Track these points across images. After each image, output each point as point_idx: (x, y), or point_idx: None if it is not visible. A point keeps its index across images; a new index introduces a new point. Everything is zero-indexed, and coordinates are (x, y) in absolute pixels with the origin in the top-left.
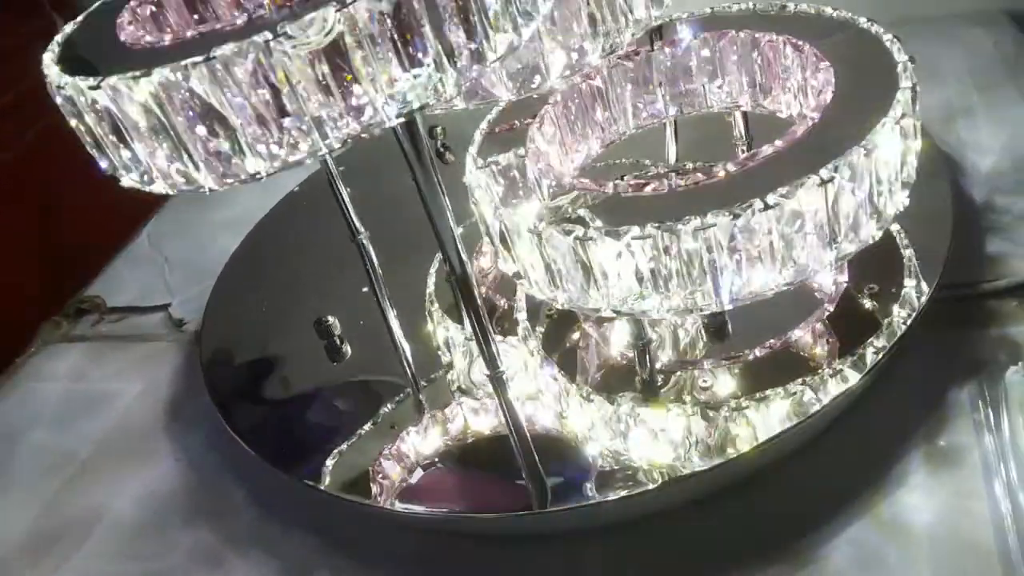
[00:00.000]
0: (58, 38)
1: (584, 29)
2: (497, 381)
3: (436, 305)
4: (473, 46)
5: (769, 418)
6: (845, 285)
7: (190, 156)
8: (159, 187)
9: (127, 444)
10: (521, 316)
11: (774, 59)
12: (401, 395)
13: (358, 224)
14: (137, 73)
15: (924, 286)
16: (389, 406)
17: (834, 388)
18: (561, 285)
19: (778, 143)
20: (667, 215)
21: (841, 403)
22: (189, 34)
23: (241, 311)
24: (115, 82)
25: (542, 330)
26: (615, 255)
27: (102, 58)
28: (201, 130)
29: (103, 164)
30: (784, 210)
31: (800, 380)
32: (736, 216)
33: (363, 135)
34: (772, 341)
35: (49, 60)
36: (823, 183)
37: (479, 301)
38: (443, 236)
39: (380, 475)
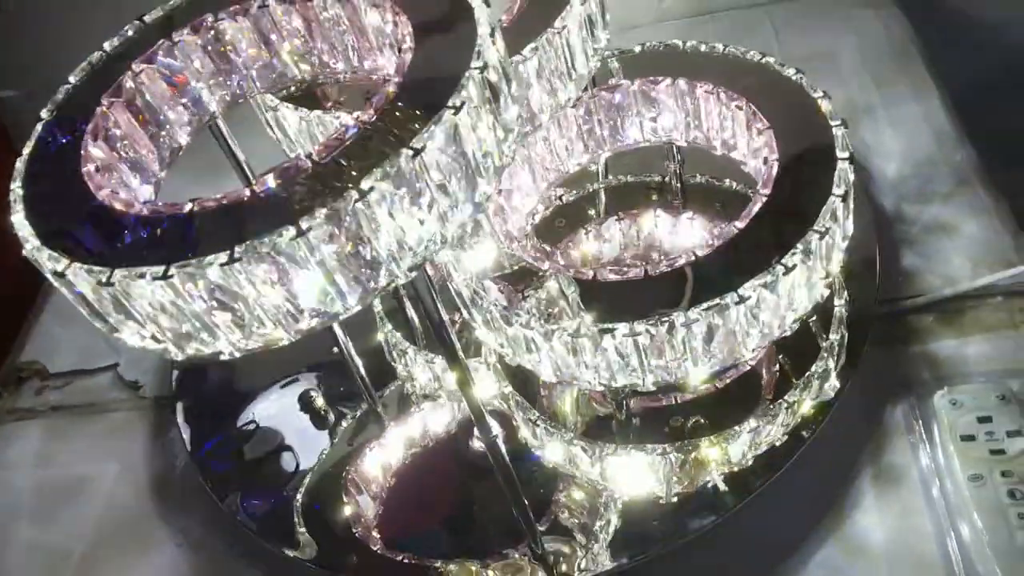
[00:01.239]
0: (18, 187)
1: (534, 94)
2: (492, 447)
3: (390, 327)
4: (471, 189)
5: (740, 452)
6: None
7: (208, 330)
8: (173, 351)
9: (122, 534)
10: (491, 360)
11: (711, 108)
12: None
13: None
14: (157, 271)
15: (856, 306)
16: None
17: (799, 420)
18: (548, 365)
19: (737, 224)
20: (647, 307)
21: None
22: (187, 208)
23: (209, 378)
24: (129, 277)
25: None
26: (605, 347)
27: (89, 227)
28: (223, 315)
29: (102, 327)
30: (755, 298)
31: (766, 413)
32: (714, 308)
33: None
34: (731, 372)
35: (23, 224)
36: (788, 271)
37: (474, 389)
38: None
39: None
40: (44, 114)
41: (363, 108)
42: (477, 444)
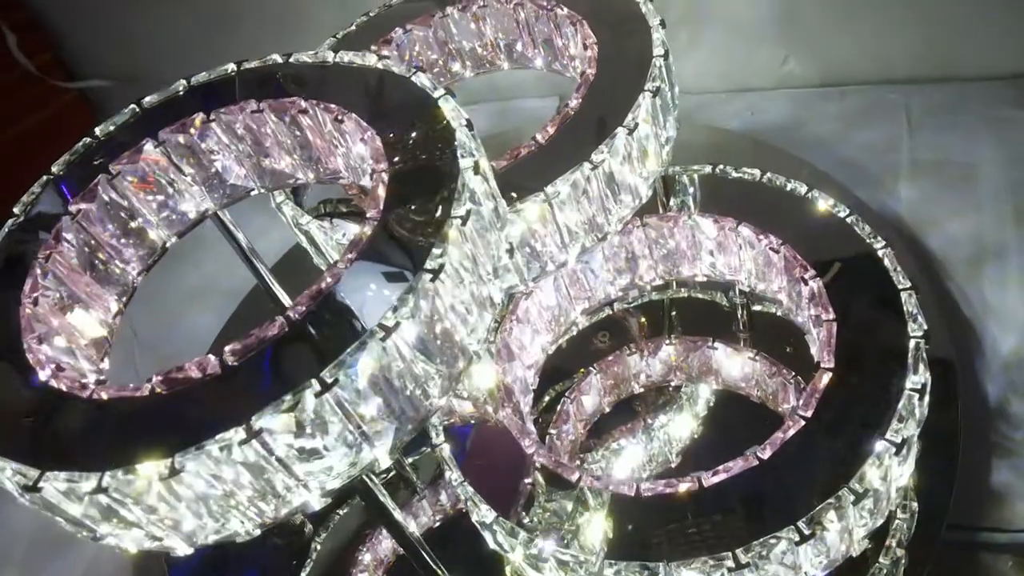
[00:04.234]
0: None
1: (563, 240)
2: None
3: None
4: (411, 412)
5: None
6: None
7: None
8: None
9: None
10: None
11: (776, 265)
12: None
13: None
14: (28, 480)
15: (920, 524)
16: None
17: None
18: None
19: (760, 452)
20: (629, 537)
21: None
22: (88, 392)
23: None
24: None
25: None
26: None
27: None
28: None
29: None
30: (759, 567)
31: None
32: (706, 566)
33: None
34: None
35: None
36: (804, 540)
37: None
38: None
39: None
40: (17, 209)
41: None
42: None
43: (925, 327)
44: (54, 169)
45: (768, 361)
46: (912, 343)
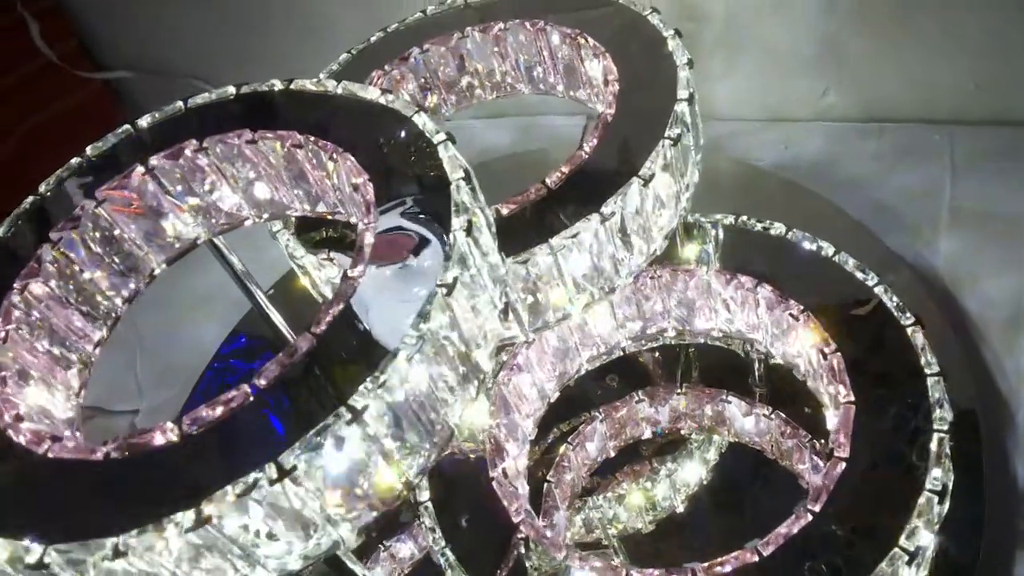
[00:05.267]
0: None
1: (568, 292)
2: None
3: None
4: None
5: None
6: None
7: None
8: None
9: None
10: None
11: (794, 332)
12: None
13: None
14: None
15: None
16: None
17: None
18: None
19: (761, 546)
20: None
21: None
22: (43, 448)
23: None
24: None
25: None
26: None
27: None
28: None
29: None
30: None
31: None
32: None
33: None
34: None
35: None
36: None
37: None
38: None
39: None
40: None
41: None
42: None
43: (950, 418)
44: (41, 189)
45: (783, 420)
46: (935, 437)
